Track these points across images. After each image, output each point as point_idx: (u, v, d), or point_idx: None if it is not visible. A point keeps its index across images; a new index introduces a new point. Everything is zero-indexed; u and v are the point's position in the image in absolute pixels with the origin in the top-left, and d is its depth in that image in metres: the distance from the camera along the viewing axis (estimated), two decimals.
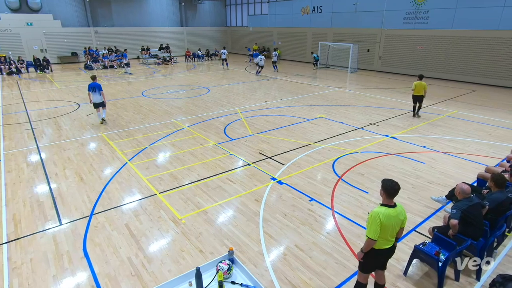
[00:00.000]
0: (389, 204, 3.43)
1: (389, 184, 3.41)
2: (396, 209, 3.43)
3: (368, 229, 3.39)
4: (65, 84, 18.51)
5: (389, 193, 3.40)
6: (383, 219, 3.32)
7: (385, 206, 3.42)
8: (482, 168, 6.87)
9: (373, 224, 3.33)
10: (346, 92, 16.35)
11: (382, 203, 3.47)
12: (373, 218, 3.34)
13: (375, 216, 3.33)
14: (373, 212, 3.37)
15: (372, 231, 3.34)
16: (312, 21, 27.27)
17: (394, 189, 3.38)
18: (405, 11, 20.72)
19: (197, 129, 10.51)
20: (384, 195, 3.44)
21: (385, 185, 3.43)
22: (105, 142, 9.36)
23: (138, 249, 4.92)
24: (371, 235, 3.35)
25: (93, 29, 28.33)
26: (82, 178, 7.20)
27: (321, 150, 8.71)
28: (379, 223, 3.31)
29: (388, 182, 3.44)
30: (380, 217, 3.31)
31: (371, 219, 3.37)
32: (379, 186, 6.82)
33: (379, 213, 3.33)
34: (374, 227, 3.33)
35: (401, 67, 21.87)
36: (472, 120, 11.48)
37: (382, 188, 3.46)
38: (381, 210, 3.37)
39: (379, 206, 3.45)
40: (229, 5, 36.26)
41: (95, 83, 10.49)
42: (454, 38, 18.84)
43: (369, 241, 3.40)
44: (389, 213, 3.36)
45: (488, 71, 17.95)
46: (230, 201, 6.26)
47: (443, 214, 5.60)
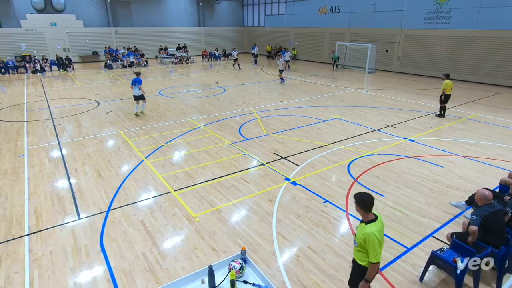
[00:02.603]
0: (373, 218, 3.20)
1: (366, 198, 3.17)
2: (379, 219, 3.22)
3: (372, 254, 3.09)
4: (85, 82, 19.04)
5: (369, 207, 3.17)
6: (379, 237, 3.10)
7: (372, 222, 3.17)
8: (505, 173, 6.61)
9: (373, 247, 3.07)
10: (362, 93, 16.09)
11: (367, 221, 3.20)
12: (371, 241, 3.07)
13: (372, 238, 3.06)
14: (367, 235, 3.09)
15: (375, 254, 3.08)
16: (329, 21, 26.98)
17: (372, 201, 3.18)
18: (426, 11, 20.20)
19: (213, 128, 10.60)
20: (364, 211, 3.19)
21: (362, 199, 3.18)
22: (123, 140, 9.57)
23: (152, 245, 5.01)
24: (376, 259, 3.09)
25: (114, 29, 29.01)
26: (100, 174, 7.39)
27: (336, 152, 8.61)
28: (378, 243, 3.08)
29: (363, 196, 3.20)
30: (377, 236, 3.07)
31: (369, 243, 3.08)
32: (396, 190, 6.72)
33: (374, 233, 3.07)
34: (375, 249, 3.07)
35: (420, 68, 21.33)
36: (494, 124, 11.08)
37: (360, 205, 3.18)
38: (373, 228, 3.11)
39: (364, 225, 3.18)
40: (246, 5, 36.35)
41: (136, 78, 11.39)
42: (478, 39, 18.22)
43: (374, 266, 3.15)
44: (379, 228, 3.16)
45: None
46: (243, 201, 6.28)
47: (462, 220, 5.44)
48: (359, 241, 3.22)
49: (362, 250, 3.21)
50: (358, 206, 3.22)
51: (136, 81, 11.33)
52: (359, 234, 3.22)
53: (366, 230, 3.13)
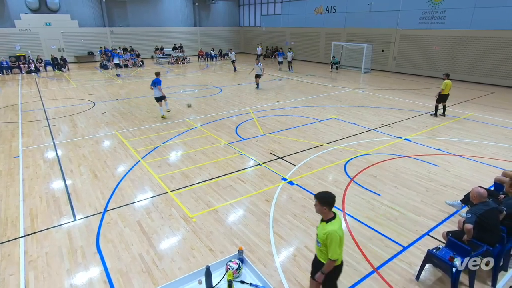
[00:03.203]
0: (333, 216, 3.24)
1: (327, 196, 3.21)
2: (338, 218, 3.27)
3: (331, 250, 3.15)
4: (81, 83, 18.93)
5: (330, 205, 3.21)
6: (341, 234, 3.17)
7: (331, 221, 3.21)
8: (499, 172, 6.67)
9: (333, 244, 3.13)
10: (359, 93, 16.16)
11: (327, 219, 3.23)
12: (333, 239, 3.12)
13: (334, 235, 3.11)
14: (328, 233, 3.13)
15: (335, 251, 3.15)
16: (325, 21, 27.06)
17: (333, 200, 3.22)
18: (421, 11, 20.32)
19: (209, 129, 10.58)
20: (326, 209, 3.21)
21: (324, 198, 3.21)
22: (119, 140, 9.53)
23: (149, 246, 4.99)
24: (335, 256, 3.17)
25: (109, 29, 28.87)
26: (96, 175, 7.35)
27: (333, 151, 8.64)
28: (339, 240, 3.14)
29: (326, 194, 3.23)
30: (339, 233, 3.14)
31: (331, 241, 3.13)
32: (392, 189, 6.75)
33: (336, 231, 3.13)
34: (336, 246, 3.14)
35: (416, 68, 21.46)
36: (489, 123, 11.17)
37: (323, 203, 3.19)
38: (334, 226, 3.16)
39: (325, 223, 3.22)
40: (242, 5, 36.34)
41: (156, 79, 11.22)
42: (472, 39, 18.36)
43: (332, 262, 3.23)
44: (340, 225, 3.22)
45: (507, 72, 17.43)
46: (240, 201, 6.28)
47: (458, 218, 5.47)
48: (321, 241, 3.23)
49: (325, 249, 3.24)
50: (323, 206, 3.20)
51: (156, 82, 11.13)
52: (321, 234, 3.23)
53: (327, 228, 3.17)
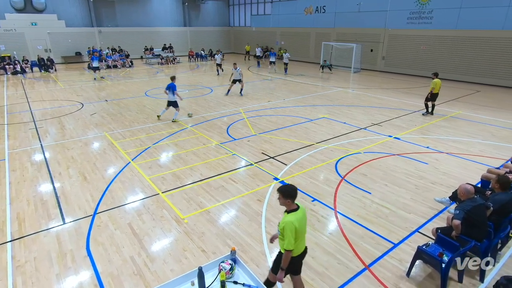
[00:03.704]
0: (295, 208, 3.34)
1: (289, 189, 3.31)
2: (301, 209, 3.38)
3: (285, 241, 3.26)
4: (69, 83, 18.62)
5: (293, 198, 3.31)
6: (297, 226, 3.24)
7: (292, 212, 3.32)
8: (486, 169, 6.82)
9: (290, 234, 3.21)
10: (349, 92, 16.30)
11: (288, 210, 3.35)
12: (288, 229, 3.21)
13: (289, 226, 3.20)
14: (285, 224, 3.23)
15: (289, 242, 3.23)
16: (315, 21, 27.22)
17: (296, 192, 3.32)
18: (409, 11, 20.62)
19: (200, 129, 10.53)
20: (289, 202, 3.31)
21: (287, 191, 3.30)
22: (109, 142, 9.41)
23: (140, 248, 4.94)
24: (289, 247, 3.25)
25: (97, 29, 28.47)
26: (85, 178, 7.24)
27: (324, 151, 8.69)
28: (294, 231, 3.22)
29: (287, 188, 3.34)
30: (295, 225, 3.21)
31: (286, 231, 3.22)
32: (383, 187, 6.83)
33: (293, 222, 3.21)
34: (291, 237, 3.22)
35: (404, 67, 21.77)
36: (476, 121, 11.41)
37: (284, 196, 3.29)
38: (291, 218, 3.25)
39: (285, 214, 3.33)
40: (232, 5, 36.28)
41: (171, 83, 11.07)
42: (458, 38, 18.72)
43: (288, 253, 3.31)
44: (299, 216, 3.30)
45: (492, 71, 17.83)
46: (232, 201, 6.26)
47: (447, 215, 5.57)
48: (280, 230, 3.34)
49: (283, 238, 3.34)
50: (286, 199, 3.29)
51: (171, 87, 11.01)
52: (280, 223, 3.33)
53: (286, 219, 3.28)
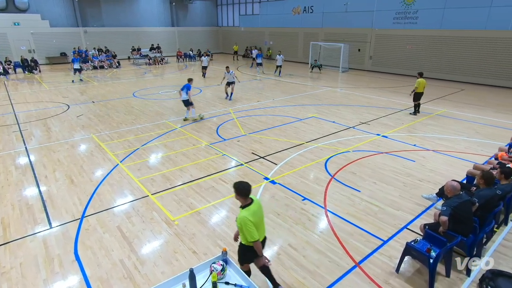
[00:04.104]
0: (248, 203, 3.47)
1: (243, 186, 3.43)
2: (255, 202, 3.50)
3: (247, 236, 3.39)
4: (54, 85, 18.23)
5: (247, 194, 3.44)
6: (253, 219, 3.37)
7: (246, 207, 3.44)
8: (471, 165, 6.99)
9: (248, 229, 3.36)
10: (337, 92, 16.46)
11: (243, 206, 3.48)
12: (244, 224, 3.35)
13: (245, 221, 3.34)
14: (240, 219, 3.37)
15: (250, 234, 3.37)
16: (303, 21, 27.38)
17: (248, 190, 3.45)
18: (394, 11, 20.95)
19: (189, 130, 10.46)
20: (242, 198, 3.46)
21: (241, 188, 3.43)
22: (96, 144, 9.25)
23: (130, 251, 4.88)
24: (254, 238, 3.39)
25: (83, 29, 27.97)
26: (72, 181, 7.10)
27: (314, 150, 8.75)
28: (252, 224, 3.35)
29: (241, 185, 3.45)
30: (250, 219, 3.35)
31: (243, 227, 3.37)
32: (371, 185, 6.92)
33: (247, 217, 3.35)
34: (250, 230, 3.36)
35: (391, 66, 22.11)
36: (461, 119, 11.68)
37: (239, 193, 3.44)
38: (245, 213, 3.38)
39: (241, 210, 3.46)
40: (220, 5, 36.17)
41: (187, 84, 11.34)
42: (443, 38, 19.13)
43: (256, 244, 3.46)
44: (253, 210, 3.43)
45: (475, 70, 18.28)
46: (223, 202, 6.24)
47: (434, 211, 5.68)
48: (238, 225, 3.49)
49: (241, 232, 3.51)
50: (237, 195, 3.46)
51: (185, 87, 11.25)
52: (237, 220, 3.48)
53: (240, 215, 3.42)
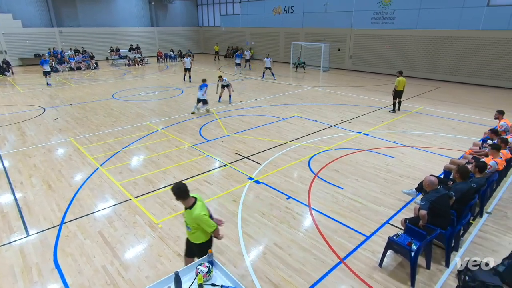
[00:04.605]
0: (194, 201, 3.56)
1: (183, 188, 3.50)
2: (198, 198, 3.62)
3: (207, 227, 3.53)
4: (28, 87, 17.54)
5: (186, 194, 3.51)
6: (205, 213, 3.56)
7: (194, 205, 3.54)
8: (448, 160, 7.25)
9: (206, 222, 3.51)
10: (319, 91, 16.67)
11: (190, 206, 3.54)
12: (202, 220, 3.49)
13: (201, 217, 3.48)
14: (196, 218, 3.47)
15: (210, 224, 3.54)
16: (284, 21, 27.57)
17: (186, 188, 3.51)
18: (372, 12, 21.43)
19: (172, 131, 10.33)
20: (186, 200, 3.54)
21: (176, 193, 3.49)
22: (74, 147, 8.98)
23: (113, 257, 4.76)
24: (214, 226, 3.57)
25: (58, 29, 27.06)
26: (50, 186, 6.86)
27: (297, 149, 8.83)
28: (207, 217, 3.54)
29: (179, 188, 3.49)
30: (203, 213, 3.50)
31: (202, 222, 3.50)
32: (354, 182, 7.05)
33: (201, 213, 3.49)
34: (208, 222, 3.53)
35: (370, 65, 22.60)
36: (437, 116, 12.08)
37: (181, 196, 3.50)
38: (197, 210, 3.49)
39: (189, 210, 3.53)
40: (200, 5, 35.88)
41: (204, 84, 12.13)
42: (418, 38, 19.73)
43: (216, 231, 3.63)
44: (201, 205, 3.59)
45: (449, 68, 18.96)
46: (207, 203, 6.16)
47: (414, 206, 5.85)
48: (192, 226, 3.58)
49: (196, 231, 3.61)
50: (179, 198, 3.52)
51: (204, 86, 11.98)
52: (189, 220, 3.57)
53: (193, 214, 3.49)
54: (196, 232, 3.62)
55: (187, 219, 3.60)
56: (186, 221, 3.64)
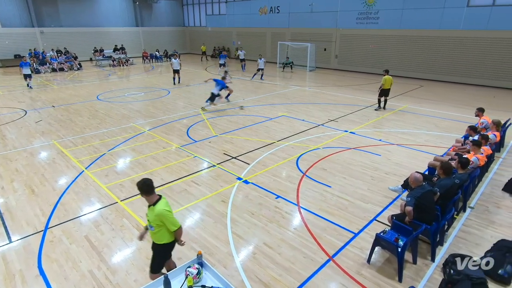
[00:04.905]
0: (158, 198, 3.54)
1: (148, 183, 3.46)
2: (163, 197, 3.60)
3: (171, 224, 3.49)
4: (8, 89, 17.01)
5: (151, 190, 3.49)
6: (169, 209, 3.52)
7: (158, 202, 3.50)
8: (432, 157, 7.42)
9: (170, 218, 3.47)
10: (306, 90, 16.80)
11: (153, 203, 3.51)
12: (165, 216, 3.43)
13: (164, 213, 3.42)
14: (159, 214, 3.42)
15: (175, 221, 3.51)
16: (270, 21, 27.64)
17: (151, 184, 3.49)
18: (357, 12, 21.73)
19: (159, 132, 10.21)
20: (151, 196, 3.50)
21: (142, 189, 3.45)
22: (58, 150, 8.76)
23: (100, 261, 4.67)
24: (178, 224, 3.54)
25: (39, 29, 26.35)
26: (33, 191, 6.67)
27: (285, 148, 8.87)
28: (171, 213, 3.50)
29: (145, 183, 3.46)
30: (167, 209, 3.47)
31: (165, 218, 3.44)
32: (341, 180, 7.13)
33: (164, 208, 3.44)
34: (172, 218, 3.48)
35: (356, 65, 22.92)
36: (421, 114, 12.36)
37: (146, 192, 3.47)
38: (161, 206, 3.45)
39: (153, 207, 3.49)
40: (186, 5, 35.59)
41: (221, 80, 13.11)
42: (402, 37, 20.13)
43: (179, 230, 3.57)
44: (166, 202, 3.56)
45: (432, 67, 19.42)
46: (196, 204, 6.16)
47: (400, 202, 5.97)
48: (155, 224, 3.50)
49: (160, 230, 3.53)
50: (144, 194, 3.47)
51: (221, 83, 12.84)
52: (152, 217, 3.48)
53: (156, 210, 3.44)
54: (160, 231, 3.54)
55: (150, 217, 3.51)
56: (149, 219, 3.55)
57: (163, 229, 3.54)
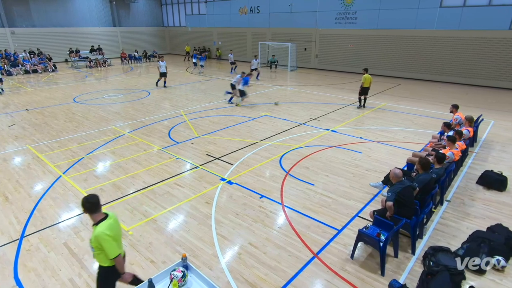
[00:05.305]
0: (102, 218, 3.15)
1: (91, 200, 3.11)
2: (110, 216, 3.22)
3: (108, 253, 3.10)
4: None
5: (94, 208, 3.12)
6: (110, 233, 3.08)
7: (101, 222, 3.12)
8: (410, 153, 7.65)
9: (107, 244, 3.06)
10: (287, 90, 16.92)
11: (96, 222, 3.13)
12: (103, 240, 3.04)
13: (102, 236, 3.03)
14: (97, 236, 3.04)
15: (112, 249, 3.11)
16: (250, 21, 27.67)
17: (97, 201, 3.14)
18: (335, 12, 22.09)
19: (139, 134, 10.01)
20: (94, 214, 3.14)
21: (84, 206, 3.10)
22: (33, 155, 8.43)
23: (81, 268, 4.53)
24: (115, 253, 3.13)
25: (9, 29, 25.27)
26: (7, 198, 6.39)
27: (268, 147, 8.90)
28: (111, 239, 3.08)
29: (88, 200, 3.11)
30: (107, 233, 3.05)
31: (102, 242, 3.05)
32: (324, 177, 7.22)
33: (103, 231, 3.04)
34: (110, 245, 3.08)
35: (336, 64, 23.30)
36: (399, 111, 12.71)
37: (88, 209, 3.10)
38: (101, 228, 3.07)
39: (94, 228, 3.12)
40: (164, 5, 35.06)
41: (245, 77, 13.46)
42: (379, 37, 20.64)
43: (117, 259, 3.18)
44: (109, 223, 3.14)
45: (409, 66, 20.02)
46: (180, 206, 6.08)
47: (381, 198, 6.12)
48: (94, 245, 3.14)
49: (100, 253, 3.18)
50: (87, 211, 3.12)
51: (244, 79, 13.30)
52: (92, 238, 3.12)
53: (95, 232, 3.08)
54: (100, 255, 3.17)
55: (92, 237, 3.12)
56: (91, 239, 3.14)
57: (103, 254, 3.15)
